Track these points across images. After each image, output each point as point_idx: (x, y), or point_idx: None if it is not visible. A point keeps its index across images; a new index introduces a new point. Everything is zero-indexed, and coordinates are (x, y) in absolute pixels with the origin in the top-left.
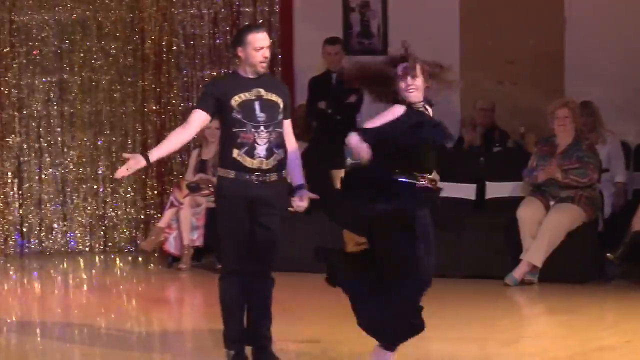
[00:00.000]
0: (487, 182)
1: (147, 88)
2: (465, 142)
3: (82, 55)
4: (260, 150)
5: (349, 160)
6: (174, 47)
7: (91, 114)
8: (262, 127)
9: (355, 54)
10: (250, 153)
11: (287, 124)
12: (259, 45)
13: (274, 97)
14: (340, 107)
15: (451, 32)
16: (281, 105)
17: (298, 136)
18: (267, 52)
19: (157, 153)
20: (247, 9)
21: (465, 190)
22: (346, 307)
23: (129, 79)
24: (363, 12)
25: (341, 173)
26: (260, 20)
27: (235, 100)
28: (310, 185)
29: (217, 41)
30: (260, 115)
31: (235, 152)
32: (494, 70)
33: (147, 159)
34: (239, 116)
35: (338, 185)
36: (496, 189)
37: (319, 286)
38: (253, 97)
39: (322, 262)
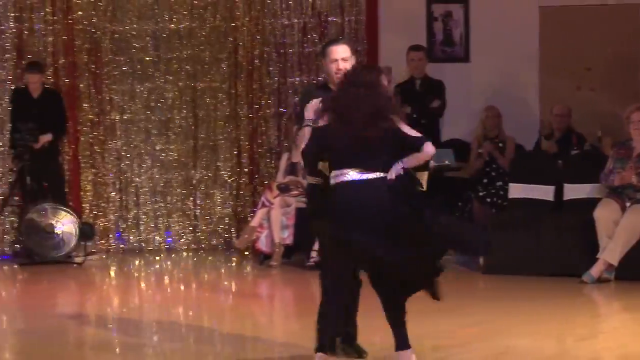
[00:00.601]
0: (565, 184)
1: (239, 94)
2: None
3: (178, 63)
4: None
5: (432, 163)
6: (265, 55)
7: (187, 119)
8: None
9: (438, 61)
10: None
11: None
12: (334, 57)
13: None
14: (424, 112)
15: (531, 40)
16: None
17: None
18: (342, 64)
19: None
20: (334, 19)
21: (544, 192)
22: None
23: (222, 86)
24: (446, 21)
25: (425, 175)
26: (347, 30)
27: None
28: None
29: (306, 50)
30: None
31: (321, 164)
32: (572, 76)
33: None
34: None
35: (424, 186)
36: (574, 191)
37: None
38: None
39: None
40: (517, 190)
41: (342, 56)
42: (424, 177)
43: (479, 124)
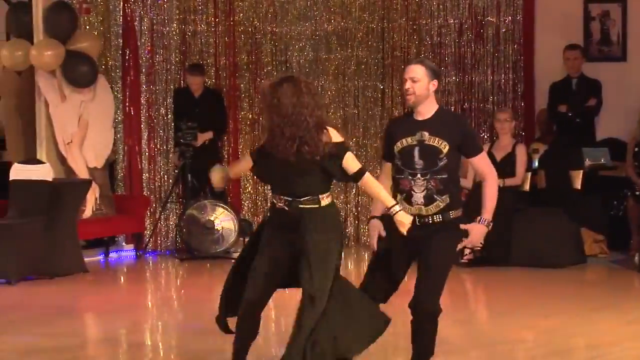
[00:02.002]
0: None
1: (394, 94)
2: None
3: (335, 63)
4: (418, 197)
5: (587, 162)
6: (421, 55)
7: (343, 117)
8: (419, 175)
9: (594, 60)
10: (408, 200)
11: (477, 161)
12: (404, 76)
13: (436, 142)
14: (580, 111)
15: None
16: (444, 151)
17: (539, 139)
18: (408, 84)
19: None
20: (491, 19)
21: None
22: None
23: (377, 84)
24: (603, 21)
25: (579, 174)
26: (503, 30)
27: (397, 147)
28: (550, 185)
29: (462, 50)
30: (418, 162)
31: (398, 197)
32: None
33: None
34: (399, 163)
35: (577, 185)
36: None
37: None
38: (415, 143)
39: None
40: None
41: (410, 76)
42: (579, 175)
43: (636, 123)
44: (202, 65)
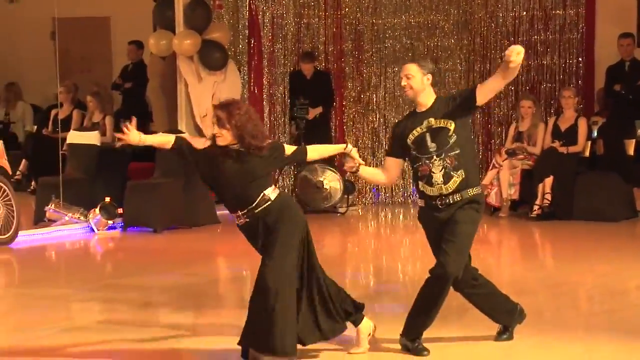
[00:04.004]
0: None
1: (475, 75)
2: None
3: (423, 50)
4: (437, 177)
5: (639, 132)
6: (497, 44)
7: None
8: (434, 157)
9: None
10: (430, 182)
11: (478, 89)
12: (400, 76)
13: (442, 123)
14: (633, 89)
15: None
16: (451, 128)
17: (598, 113)
18: (404, 81)
19: None
20: (558, 12)
21: None
22: None
23: (459, 68)
24: None
25: (632, 142)
26: (568, 21)
27: (410, 139)
28: (607, 152)
29: (533, 38)
30: (431, 145)
31: (420, 184)
32: None
33: None
34: (415, 152)
35: (630, 152)
36: None
37: None
38: (424, 130)
39: None
40: None
41: (405, 74)
42: (631, 144)
43: None
44: (313, 52)
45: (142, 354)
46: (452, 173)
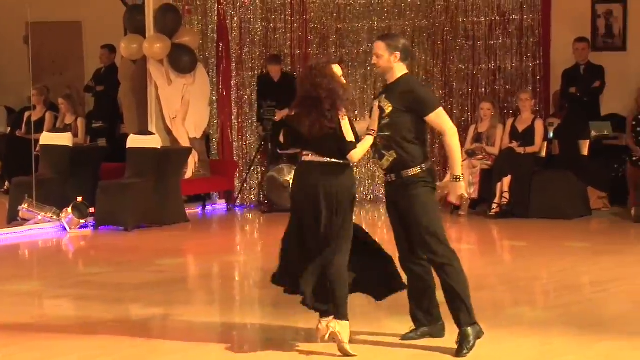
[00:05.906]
0: None
1: (435, 76)
2: None
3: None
4: (376, 152)
5: (593, 133)
6: (457, 47)
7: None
8: (377, 131)
9: (599, 50)
10: (374, 154)
11: (430, 120)
12: (372, 53)
13: (383, 103)
14: (587, 92)
15: None
16: (387, 111)
17: (554, 115)
18: (374, 59)
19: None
20: (515, 17)
21: None
22: None
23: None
24: (607, 17)
25: (587, 143)
26: (525, 25)
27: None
28: (563, 152)
29: (490, 42)
30: (373, 120)
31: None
32: None
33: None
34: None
35: (585, 152)
36: None
37: None
38: (377, 104)
39: None
40: None
41: (375, 52)
42: (586, 144)
43: (633, 101)
44: (280, 55)
45: (114, 348)
46: (383, 151)
